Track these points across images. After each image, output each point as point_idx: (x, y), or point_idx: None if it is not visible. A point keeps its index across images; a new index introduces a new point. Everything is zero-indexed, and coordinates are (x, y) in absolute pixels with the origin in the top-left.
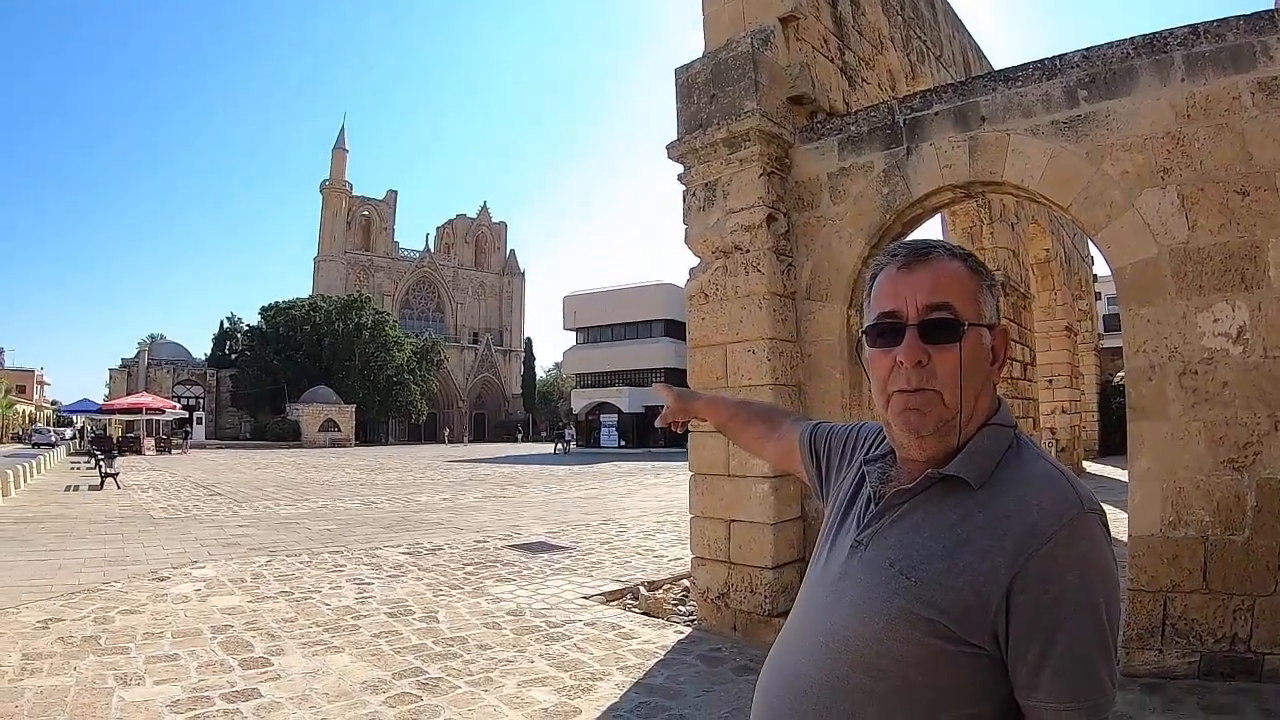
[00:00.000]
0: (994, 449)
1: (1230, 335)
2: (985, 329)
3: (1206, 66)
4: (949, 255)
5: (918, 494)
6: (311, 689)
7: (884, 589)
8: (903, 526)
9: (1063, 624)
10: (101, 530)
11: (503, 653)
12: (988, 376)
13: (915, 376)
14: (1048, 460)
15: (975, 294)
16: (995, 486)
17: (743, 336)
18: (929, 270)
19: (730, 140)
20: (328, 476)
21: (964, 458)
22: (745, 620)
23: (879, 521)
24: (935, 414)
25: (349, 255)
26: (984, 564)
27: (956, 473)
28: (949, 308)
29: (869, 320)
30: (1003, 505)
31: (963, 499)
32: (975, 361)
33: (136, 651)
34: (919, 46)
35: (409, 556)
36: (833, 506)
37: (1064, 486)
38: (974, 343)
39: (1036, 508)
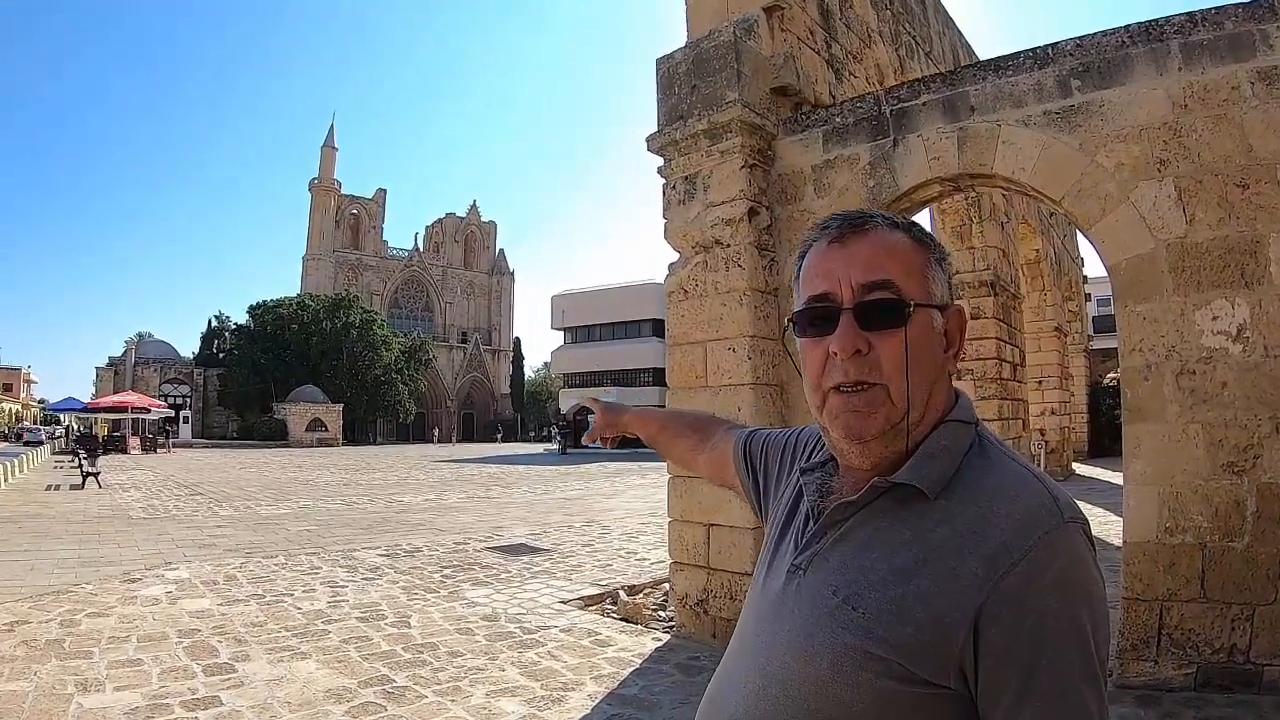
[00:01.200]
0: (953, 450)
1: (1230, 334)
2: (936, 310)
3: (1204, 55)
4: (889, 225)
5: (863, 507)
6: (273, 697)
7: (827, 622)
8: (847, 546)
9: (1044, 656)
10: (78, 530)
11: (473, 660)
12: (941, 365)
13: (854, 369)
14: (1018, 461)
15: (922, 269)
16: (957, 495)
17: (723, 334)
18: (866, 243)
19: (711, 132)
20: (312, 476)
21: (917, 462)
22: (725, 628)
23: (819, 541)
24: (881, 413)
25: (338, 254)
26: (946, 589)
27: (909, 480)
28: (890, 286)
29: (797, 305)
30: (966, 517)
31: (918, 511)
32: (925, 348)
33: (100, 656)
34: (908, 41)
35: (386, 559)
36: (771, 523)
37: (1038, 492)
38: (922, 326)
39: (1007, 519)
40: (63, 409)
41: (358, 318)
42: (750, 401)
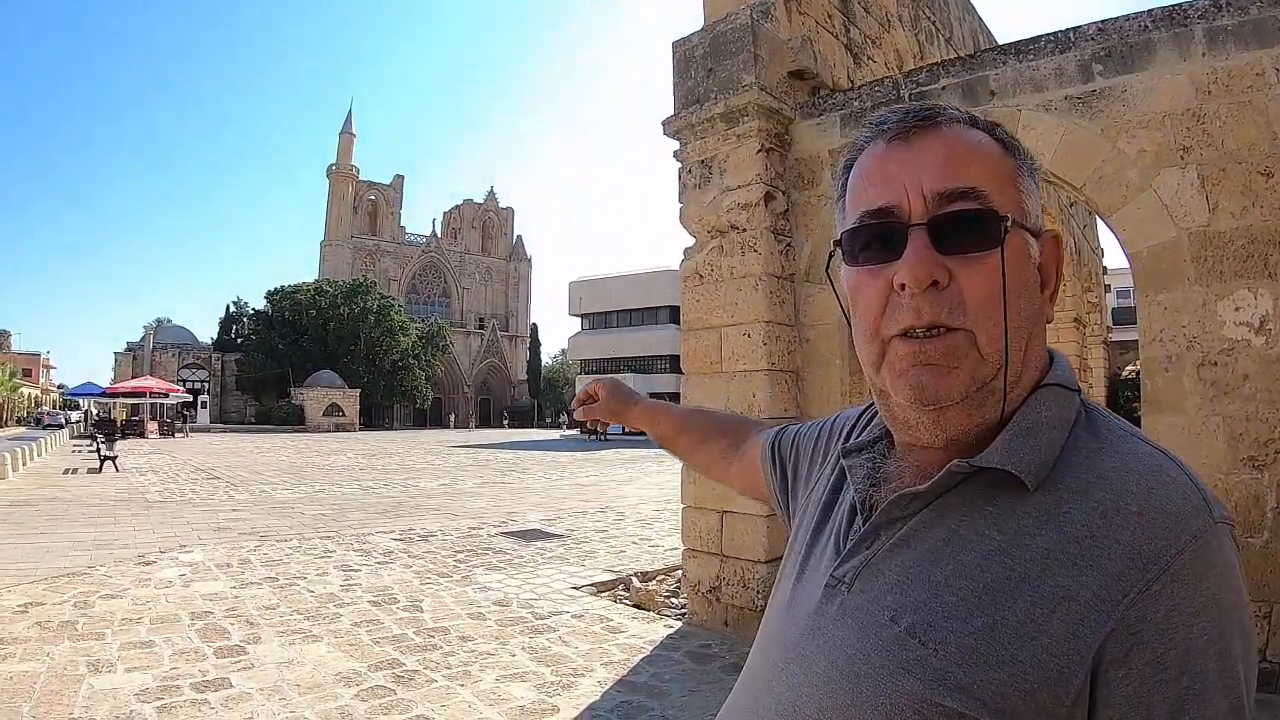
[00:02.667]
0: (1057, 424)
1: (1252, 325)
2: (1030, 235)
3: (1228, 40)
4: (966, 122)
5: (934, 500)
6: (283, 680)
7: (882, 660)
8: (911, 554)
9: (1189, 706)
10: (94, 513)
11: (484, 645)
12: (1039, 309)
13: (929, 307)
14: (1144, 439)
15: (1014, 178)
16: (1065, 485)
17: (738, 319)
18: (939, 140)
19: (728, 115)
20: (328, 461)
21: (1011, 439)
22: (737, 615)
23: (870, 545)
24: (965, 369)
25: (355, 240)
26: (1056, 617)
27: (1002, 465)
28: (978, 195)
29: (846, 224)
30: (1081, 516)
31: (1011, 508)
32: (1023, 281)
33: (112, 638)
34: (928, 27)
35: (400, 543)
36: (802, 522)
37: (1180, 483)
38: (1019, 252)
39: (1140, 519)
40: (81, 394)
41: (375, 303)
42: (765, 388)
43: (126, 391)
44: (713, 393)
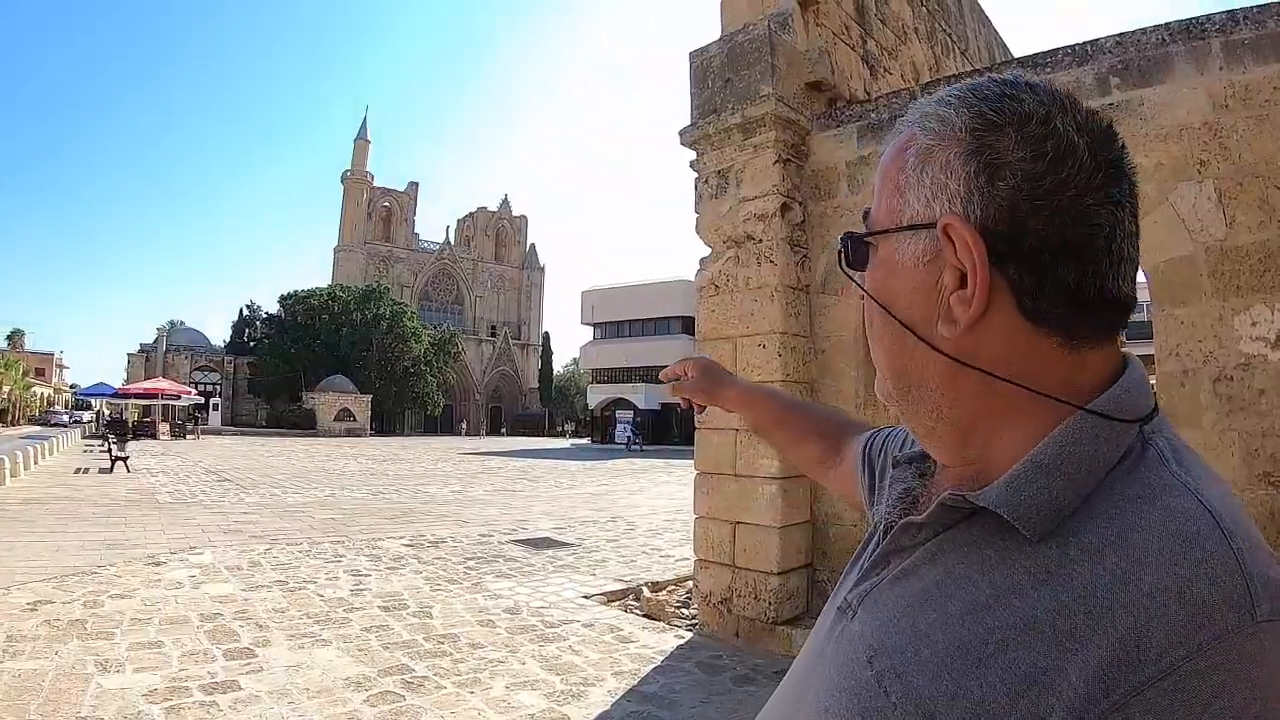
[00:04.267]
0: (1085, 464)
1: (1269, 340)
2: (902, 233)
3: (1246, 54)
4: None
5: (941, 532)
6: (293, 683)
7: (848, 701)
8: (906, 591)
9: None
10: (105, 513)
11: (494, 652)
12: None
13: None
14: (1199, 494)
15: (893, 177)
16: (1076, 541)
17: (753, 330)
18: None
19: (745, 126)
20: (339, 465)
21: (1016, 476)
22: (748, 627)
23: (880, 572)
24: (878, 379)
25: (369, 246)
26: (1021, 704)
27: (994, 506)
28: (866, 216)
29: None
30: (1082, 582)
31: (1008, 558)
32: (888, 291)
33: (121, 637)
34: (944, 39)
35: (410, 549)
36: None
37: (1216, 557)
38: (882, 261)
39: (1148, 599)
40: (94, 394)
41: (388, 309)
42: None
43: (139, 393)
44: None
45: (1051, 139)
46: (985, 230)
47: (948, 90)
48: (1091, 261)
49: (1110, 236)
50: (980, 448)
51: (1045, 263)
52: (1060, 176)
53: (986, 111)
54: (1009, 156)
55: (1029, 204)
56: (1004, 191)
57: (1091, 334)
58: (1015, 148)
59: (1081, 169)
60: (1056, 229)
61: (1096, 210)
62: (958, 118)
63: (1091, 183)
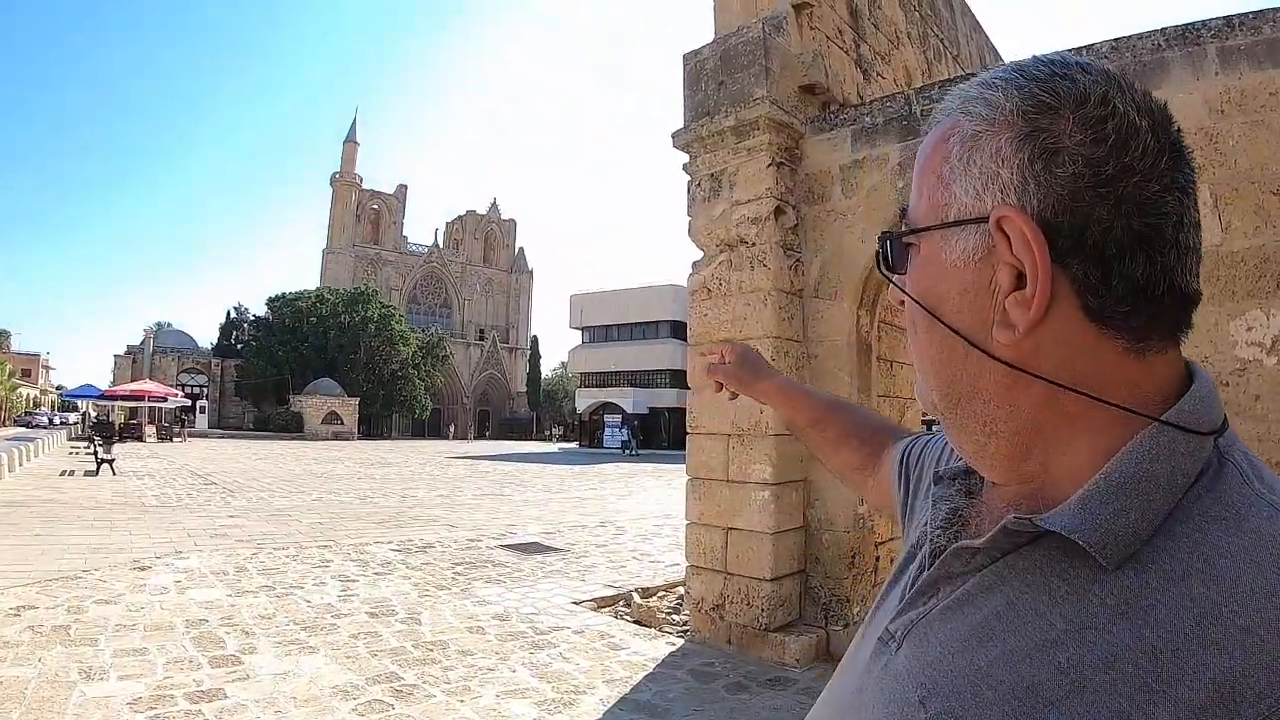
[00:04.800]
0: (1163, 483)
1: (1264, 345)
2: (948, 229)
3: (1241, 60)
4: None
5: (999, 558)
6: (279, 691)
7: None
8: (961, 624)
9: None
10: (90, 517)
11: (484, 660)
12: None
13: None
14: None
15: (935, 168)
16: (1155, 567)
17: (746, 334)
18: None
19: (738, 129)
20: (326, 469)
21: (1090, 497)
22: (741, 633)
23: (927, 600)
24: (922, 389)
25: (357, 248)
26: None
27: (1067, 531)
28: (904, 213)
29: None
30: (1167, 615)
31: (1083, 588)
32: (934, 295)
33: (105, 644)
34: (936, 44)
35: (398, 553)
36: (896, 562)
37: None
38: (925, 261)
39: (1244, 635)
40: (80, 395)
41: (376, 312)
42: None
43: (125, 394)
44: (720, 408)
45: (1113, 120)
46: (1044, 222)
47: (991, 73)
48: (1160, 253)
49: (1178, 225)
50: (1040, 464)
51: (1112, 256)
52: (1124, 161)
53: (1039, 92)
54: (1067, 141)
55: (1092, 192)
56: (1063, 179)
57: (1158, 336)
58: (1074, 130)
59: (1147, 152)
60: (1124, 219)
61: (1164, 197)
62: (1007, 100)
63: (1157, 167)
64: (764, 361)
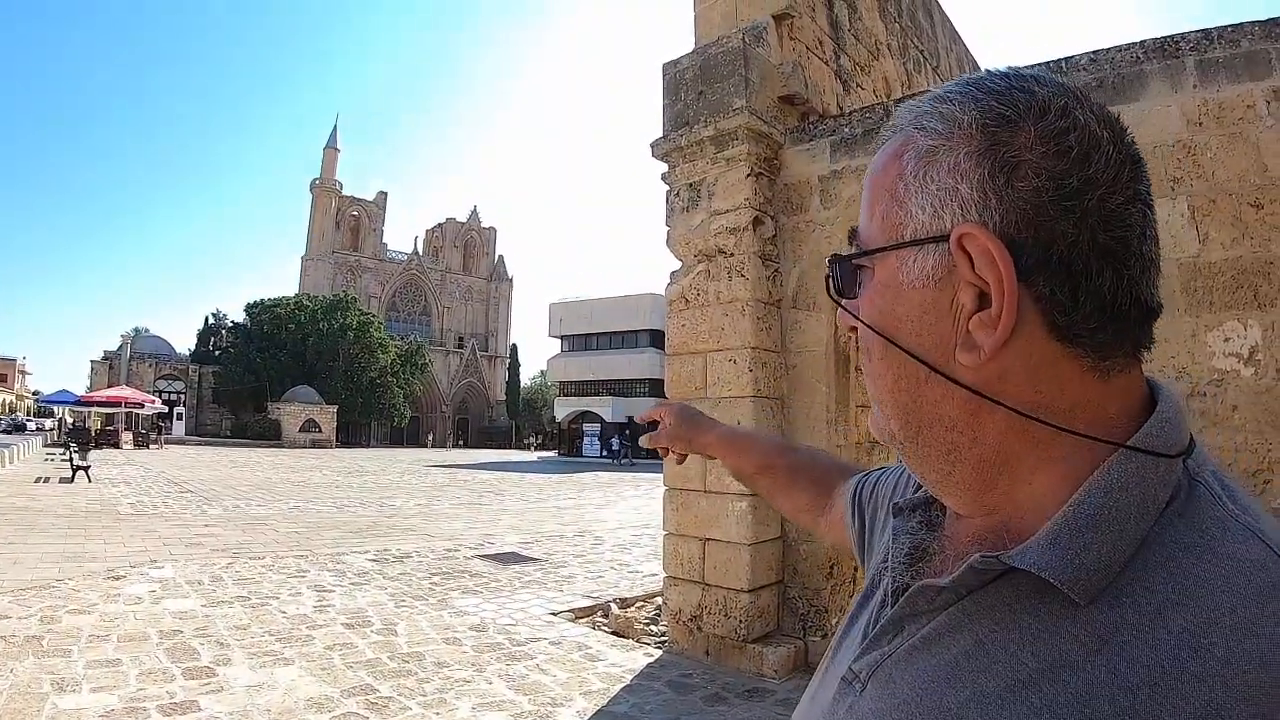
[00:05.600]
0: (1135, 510)
1: (1241, 356)
2: (907, 250)
3: (1220, 72)
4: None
5: (965, 595)
6: (253, 704)
7: None
8: (928, 664)
9: None
10: (65, 525)
11: (460, 672)
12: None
13: None
14: (1259, 531)
15: (889, 186)
16: (1130, 600)
17: (724, 345)
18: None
19: (717, 139)
20: (304, 477)
21: (1060, 531)
22: (718, 645)
23: (891, 639)
24: (876, 418)
25: (337, 255)
26: None
27: (1038, 570)
28: (854, 234)
29: None
30: (1144, 651)
31: (1055, 625)
32: (891, 316)
33: (79, 655)
34: (915, 55)
35: (375, 564)
36: (856, 598)
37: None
38: (881, 283)
39: (1226, 668)
40: (56, 401)
41: (355, 320)
42: (750, 415)
43: (102, 400)
44: None
45: (1074, 132)
46: (1008, 239)
47: (945, 87)
48: (1127, 267)
49: (1142, 238)
50: (1005, 494)
51: (1079, 272)
52: (1088, 174)
53: (997, 105)
54: (1028, 154)
55: (1056, 206)
56: (1026, 194)
57: (1122, 354)
58: (1035, 143)
59: (1110, 164)
60: (1089, 232)
61: (1128, 209)
62: (964, 114)
63: (1120, 179)
64: (702, 414)
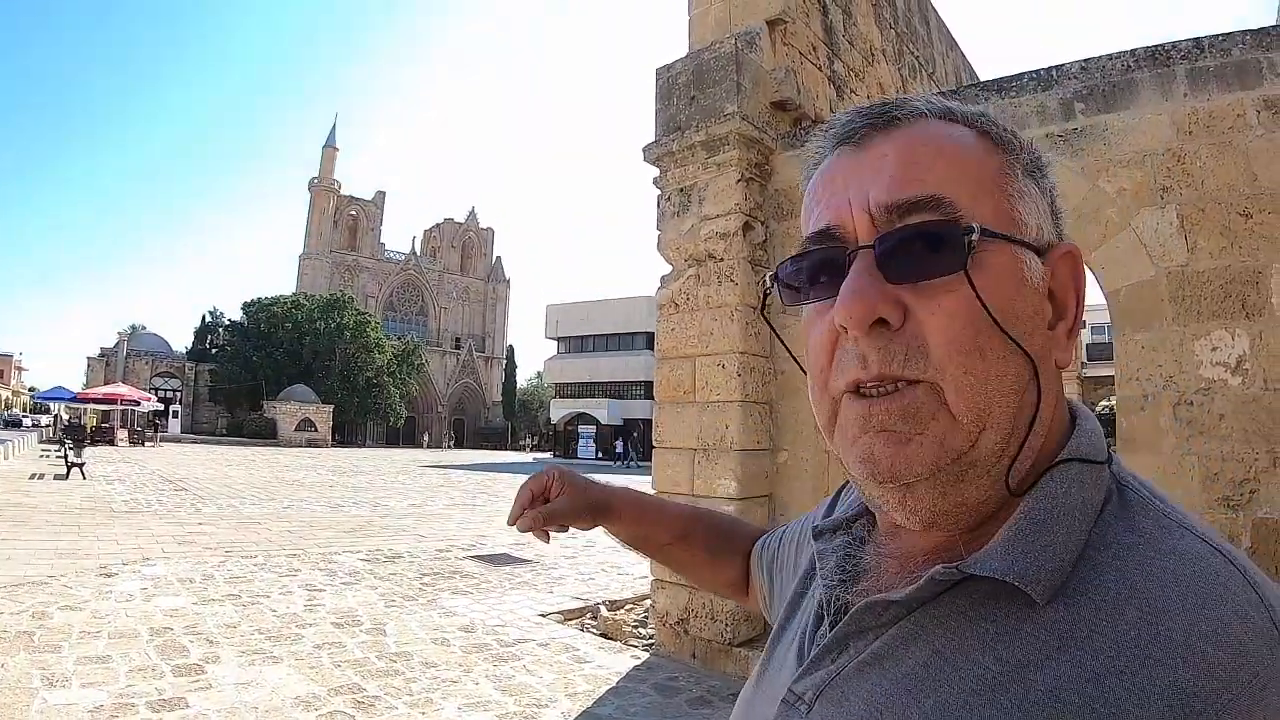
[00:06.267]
0: (1078, 513)
1: (1229, 365)
2: (1028, 250)
3: (1210, 81)
4: (939, 115)
5: (916, 609)
6: (241, 701)
7: None
8: (883, 679)
9: None
10: (58, 521)
11: (448, 672)
12: (1045, 349)
13: (878, 355)
14: (1194, 531)
15: (998, 180)
16: (1084, 599)
17: (713, 349)
18: (895, 143)
19: (709, 143)
20: (298, 476)
21: (1015, 536)
22: (705, 648)
23: (837, 658)
24: (932, 436)
25: (334, 254)
26: None
27: (1001, 575)
28: (938, 204)
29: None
30: (1105, 643)
31: (1015, 628)
32: (1010, 313)
33: (69, 650)
34: (911, 62)
35: (366, 563)
36: (775, 624)
37: (1239, 597)
38: (1001, 274)
39: (1184, 650)
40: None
41: (352, 319)
42: (738, 419)
43: (98, 398)
44: (685, 423)
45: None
46: None
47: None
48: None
49: None
50: (977, 489)
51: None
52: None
53: (1003, 128)
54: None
55: (1058, 223)
56: (1058, 213)
57: None
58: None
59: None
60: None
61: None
62: (1004, 131)
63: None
64: (591, 480)
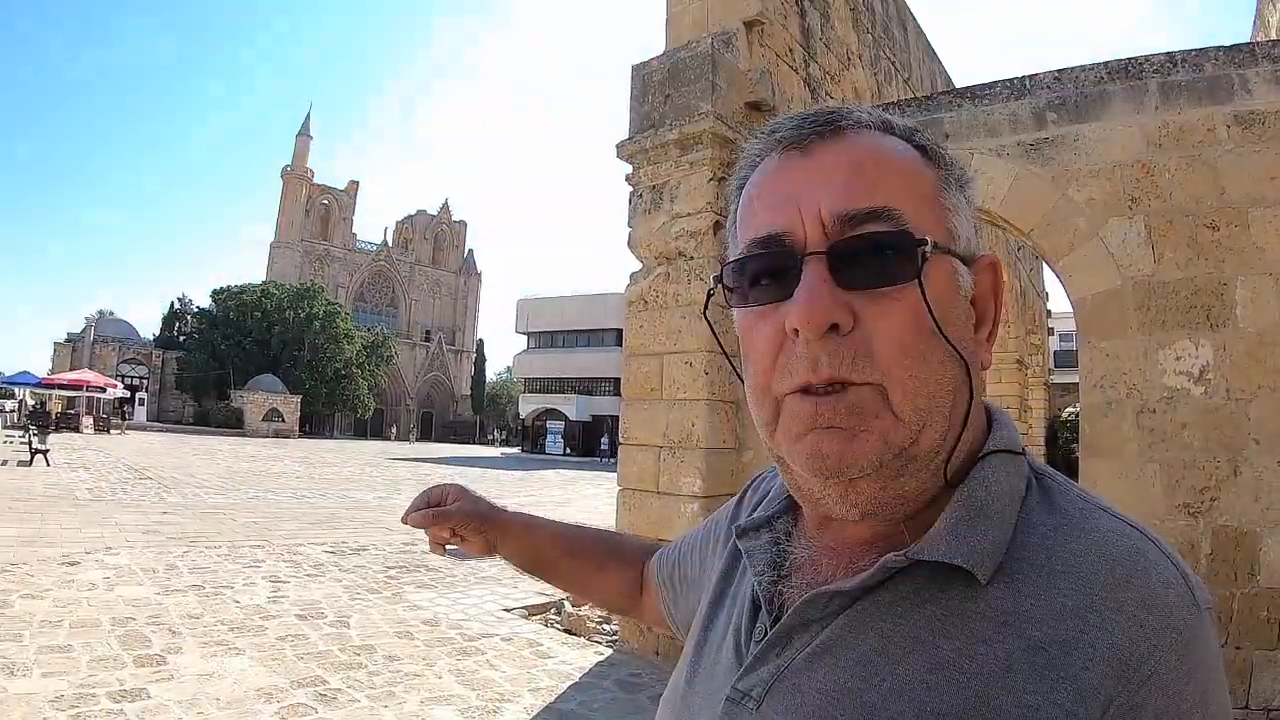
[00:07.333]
0: (1008, 499)
1: (1192, 374)
2: (958, 261)
3: (1182, 96)
4: (878, 128)
5: (860, 598)
6: (203, 692)
7: None
8: (835, 668)
9: None
10: (21, 509)
11: (410, 665)
12: (973, 352)
13: (828, 356)
14: (1110, 512)
15: (936, 195)
16: (1021, 577)
17: (681, 347)
18: (843, 152)
19: (682, 142)
20: (265, 467)
21: (957, 523)
22: (669, 645)
23: (782, 653)
24: (876, 433)
25: (305, 244)
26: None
27: (949, 559)
28: (889, 215)
29: (732, 255)
30: (1046, 615)
31: (960, 608)
32: (949, 320)
33: (30, 640)
34: (887, 66)
35: (331, 555)
36: (695, 617)
37: (1159, 566)
38: (942, 283)
39: (1118, 616)
40: (17, 383)
41: (321, 309)
42: (705, 417)
43: (63, 383)
44: (652, 420)
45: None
46: None
47: (895, 115)
48: None
49: None
50: (916, 481)
51: None
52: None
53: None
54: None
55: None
56: (978, 226)
57: None
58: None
59: None
60: None
61: None
62: (935, 146)
63: None
64: (484, 498)
